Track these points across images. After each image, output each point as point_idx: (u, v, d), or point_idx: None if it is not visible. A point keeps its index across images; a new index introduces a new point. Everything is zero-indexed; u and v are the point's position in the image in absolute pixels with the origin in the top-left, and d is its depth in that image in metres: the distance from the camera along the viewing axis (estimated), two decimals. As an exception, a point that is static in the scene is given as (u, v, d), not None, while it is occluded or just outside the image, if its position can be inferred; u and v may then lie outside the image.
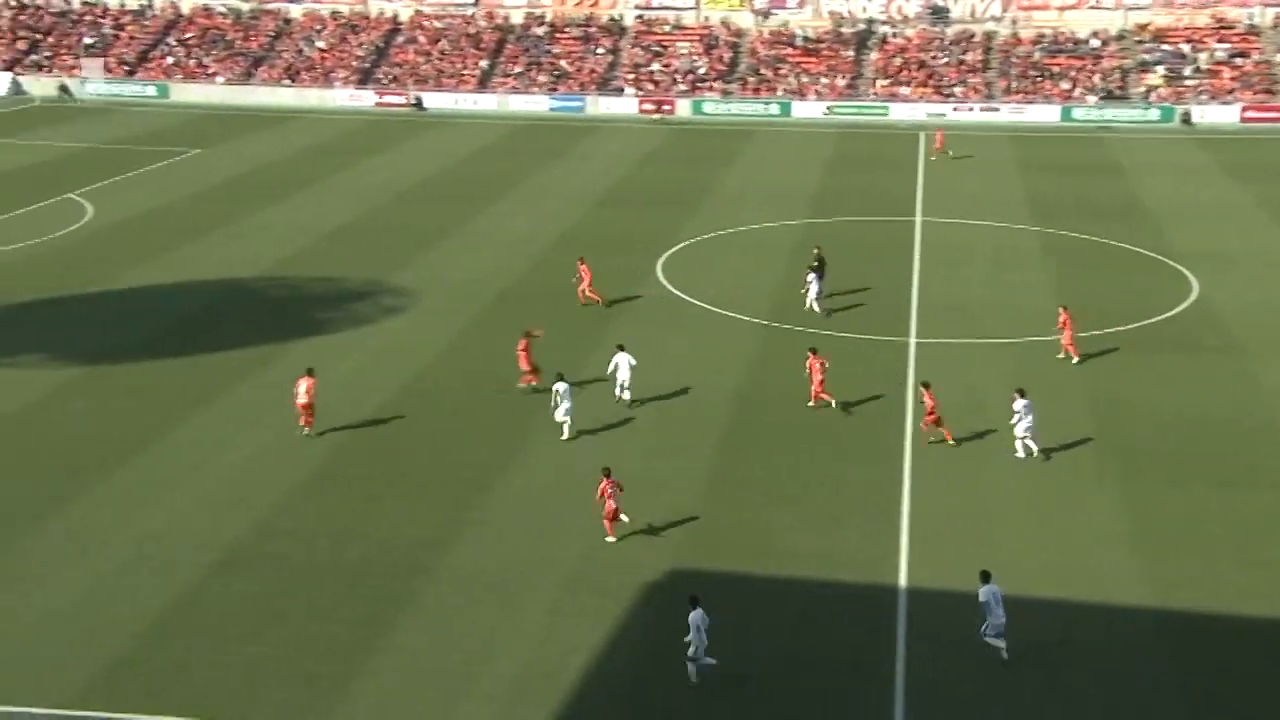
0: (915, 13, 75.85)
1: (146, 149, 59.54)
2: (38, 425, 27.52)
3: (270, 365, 31.51)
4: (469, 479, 25.37)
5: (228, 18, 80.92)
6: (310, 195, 50.78)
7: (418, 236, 44.15)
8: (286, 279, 39.08)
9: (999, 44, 74.07)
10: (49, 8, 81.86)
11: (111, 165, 55.09)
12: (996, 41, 74.37)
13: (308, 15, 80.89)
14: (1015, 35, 74.07)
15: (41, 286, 37.46)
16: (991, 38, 74.70)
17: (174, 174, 54.38)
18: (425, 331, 34.35)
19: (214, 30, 79.83)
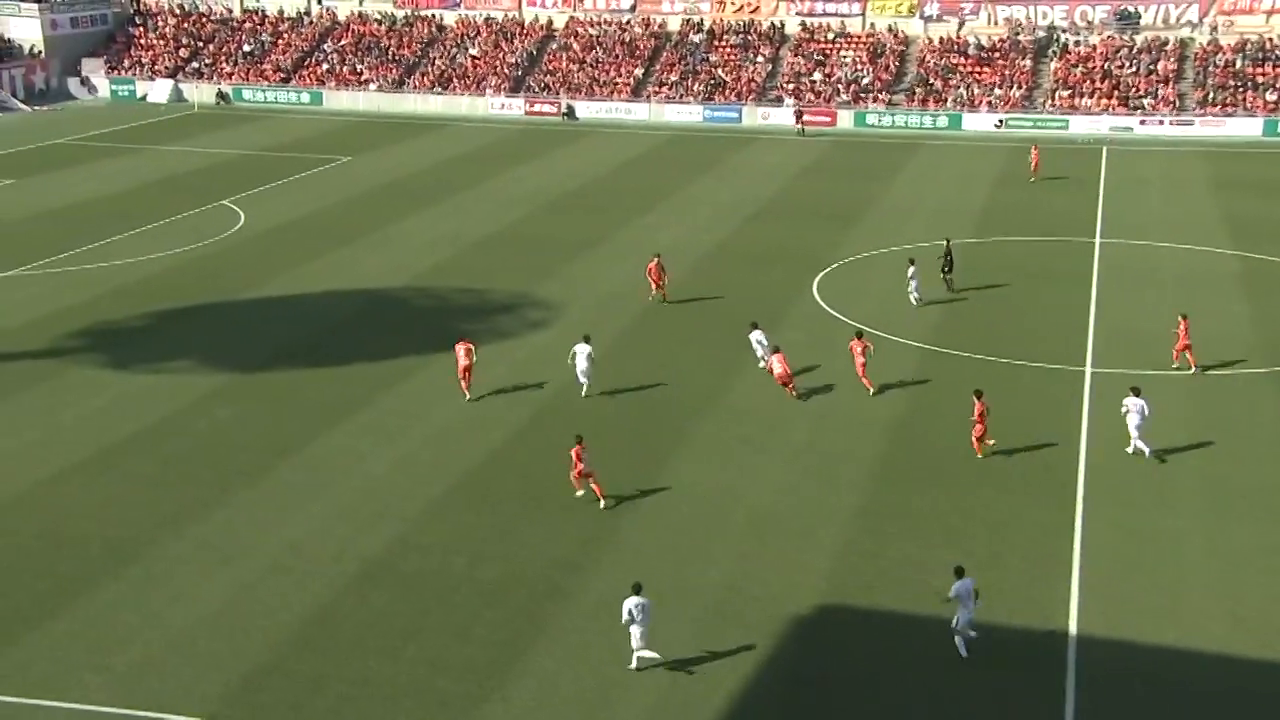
0: (1102, 18, 73.57)
1: (298, 156, 62.06)
2: (184, 433, 28.82)
3: (412, 377, 32.35)
4: (611, 499, 25.50)
5: (382, 24, 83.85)
6: (458, 204, 52.06)
7: (565, 247, 44.78)
8: (431, 289, 40.11)
9: (1195, 52, 71.22)
10: (211, 15, 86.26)
11: (264, 172, 57.57)
12: (1193, 49, 71.53)
13: (461, 22, 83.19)
14: (1214, 42, 71.09)
15: (193, 293, 39.30)
16: (1186, 45, 71.89)
17: (324, 181, 56.51)
18: (569, 345, 34.69)
19: (368, 37, 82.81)
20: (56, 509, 24.93)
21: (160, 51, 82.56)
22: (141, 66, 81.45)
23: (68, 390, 31.11)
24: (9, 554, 23.19)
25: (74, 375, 32.15)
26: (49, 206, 50.36)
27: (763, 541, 23.87)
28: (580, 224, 48.32)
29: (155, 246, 44.38)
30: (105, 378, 32.09)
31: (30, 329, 35.56)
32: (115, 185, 54.74)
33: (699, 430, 28.94)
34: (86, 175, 56.72)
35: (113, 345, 34.71)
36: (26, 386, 31.18)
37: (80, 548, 23.47)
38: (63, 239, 44.70)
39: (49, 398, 30.54)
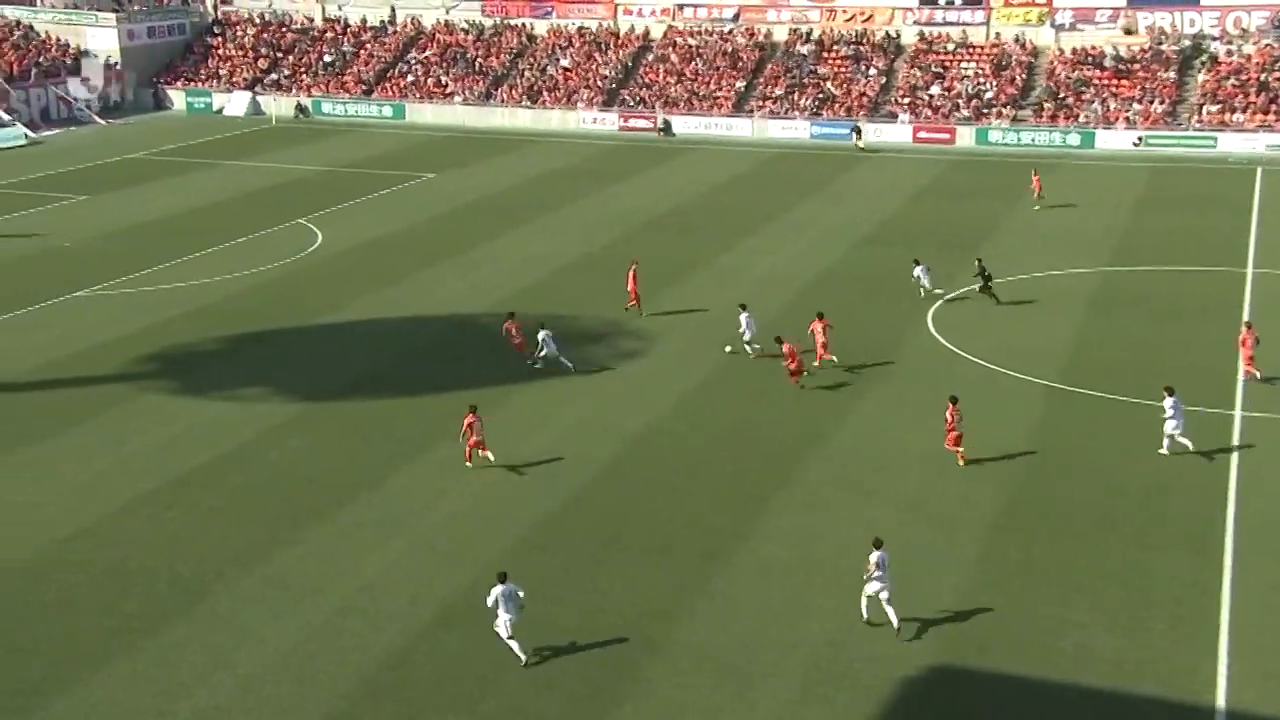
0: (1259, 26, 71.89)
1: (379, 172, 63.35)
2: (255, 464, 29.46)
3: (495, 408, 32.65)
4: (703, 545, 25.47)
5: (469, 34, 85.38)
6: (547, 224, 52.62)
7: (661, 271, 44.96)
8: (518, 316, 40.50)
9: (1364, 62, 69.30)
10: (291, 25, 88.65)
11: (344, 189, 58.85)
12: (1360, 59, 69.61)
13: (553, 31, 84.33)
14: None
15: (268, 316, 40.25)
16: (1351, 55, 69.99)
17: (406, 199, 57.58)
18: (663, 377, 34.85)
19: (454, 47, 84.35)
20: (124, 542, 25.63)
21: (239, 63, 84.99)
22: (219, 78, 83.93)
23: (138, 417, 32.03)
24: (77, 589, 23.88)
25: (144, 402, 33.10)
26: (122, 224, 52.05)
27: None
28: (677, 247, 48.49)
29: (230, 266, 45.58)
30: (176, 405, 32.98)
31: (101, 351, 36.73)
32: (190, 202, 56.39)
33: (802, 473, 28.77)
34: (160, 191, 58.53)
35: (185, 370, 35.68)
36: (96, 413, 32.18)
37: (147, 584, 24.09)
38: (136, 258, 46.14)
39: (119, 425, 31.47)
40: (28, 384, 34.22)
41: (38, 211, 54.16)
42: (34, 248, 46.01)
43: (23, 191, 58.01)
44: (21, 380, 34.42)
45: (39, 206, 54.96)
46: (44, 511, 26.84)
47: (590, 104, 77.60)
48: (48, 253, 47.15)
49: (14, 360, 35.85)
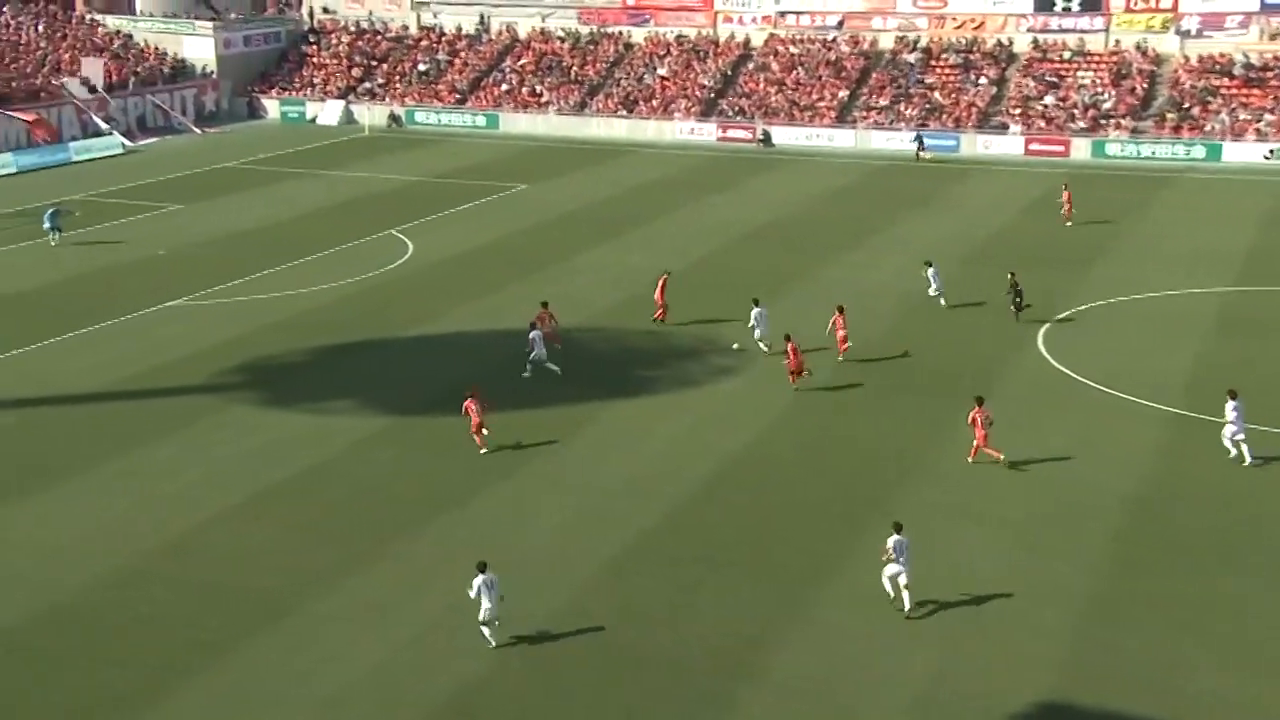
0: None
1: (472, 183, 64.05)
2: (341, 479, 29.83)
3: (587, 426, 32.77)
4: (800, 568, 25.23)
5: (565, 42, 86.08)
6: (642, 237, 52.75)
7: (759, 287, 44.72)
8: (610, 330, 40.65)
9: None
10: (386, 34, 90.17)
11: (435, 200, 59.59)
12: None
13: (650, 40, 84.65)
14: None
15: (357, 328, 40.83)
16: None
17: (499, 210, 58.13)
18: (760, 396, 34.65)
19: (550, 56, 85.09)
20: (209, 556, 26.09)
21: (333, 71, 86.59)
22: (313, 87, 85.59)
23: (225, 429, 32.65)
24: (161, 603, 24.34)
25: (232, 413, 33.74)
26: (215, 233, 53.23)
27: (977, 626, 23.17)
28: (777, 261, 48.31)
29: (320, 277, 46.34)
30: (263, 417, 33.56)
31: (191, 362, 37.53)
32: (282, 212, 57.50)
33: (904, 495, 28.40)
34: (253, 201, 59.78)
35: (273, 382, 36.30)
36: (185, 424, 32.86)
37: (230, 599, 24.47)
38: (227, 268, 47.11)
39: (206, 436, 32.10)
40: (118, 394, 35.05)
41: (133, 220, 55.63)
42: (128, 257, 47.24)
43: (118, 200, 59.63)
44: (113, 390, 35.28)
45: (134, 215, 56.43)
46: (133, 524, 27.43)
47: (688, 114, 77.72)
48: (141, 262, 48.37)
49: (106, 370, 36.78)
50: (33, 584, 24.88)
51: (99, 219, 55.08)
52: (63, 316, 41.35)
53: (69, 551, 26.19)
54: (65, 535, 26.87)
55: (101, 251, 49.84)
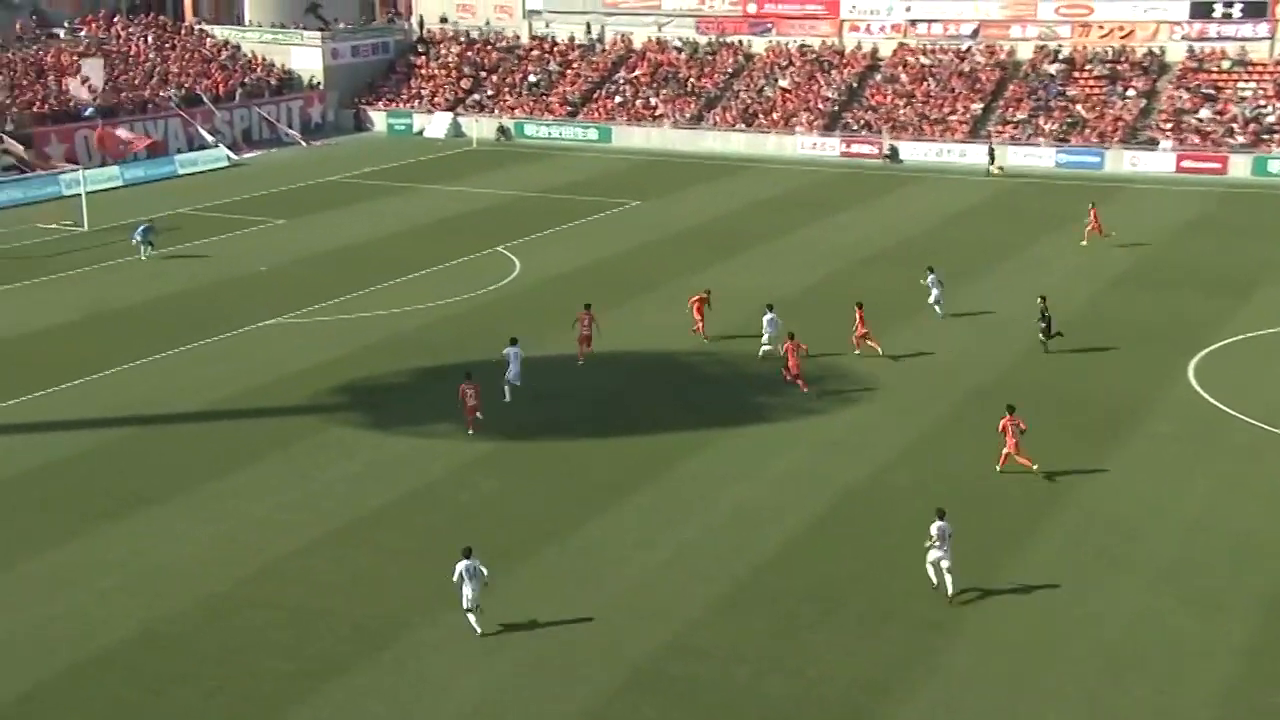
0: None
1: (582, 199, 64.52)
2: (443, 505, 30.11)
3: (698, 454, 32.69)
4: (927, 613, 24.85)
5: (682, 52, 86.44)
6: (760, 257, 52.61)
7: (885, 310, 44.32)
8: (725, 354, 40.55)
9: None
10: (496, 43, 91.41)
11: (544, 216, 60.10)
12: None
13: (772, 50, 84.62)
14: None
15: (461, 348, 41.24)
16: None
17: (609, 228, 58.44)
18: (884, 425, 34.34)
19: (666, 67, 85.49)
20: (308, 582, 26.49)
21: (441, 82, 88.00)
22: (420, 99, 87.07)
23: (323, 451, 33.19)
24: (257, 630, 24.76)
25: (331, 435, 34.29)
26: (317, 249, 54.30)
27: (1118, 681, 22.56)
28: (904, 283, 47.81)
29: (424, 295, 46.98)
30: (363, 439, 34.06)
31: (290, 382, 38.26)
32: (386, 227, 58.47)
33: (1045, 535, 27.85)
34: (357, 216, 60.89)
35: (373, 403, 36.85)
36: (282, 445, 33.48)
37: (330, 627, 24.80)
38: (329, 285, 47.98)
39: (304, 459, 32.67)
40: (217, 414, 35.85)
41: (235, 236, 57.01)
42: (229, 273, 48.39)
43: (221, 215, 61.17)
44: (211, 410, 36.10)
45: (236, 230, 57.83)
46: (229, 548, 27.98)
47: (810, 128, 77.47)
48: (242, 279, 49.49)
49: (205, 389, 37.65)
50: (128, 607, 25.48)
51: (201, 234, 56.51)
52: (163, 334, 42.45)
53: (166, 574, 26.79)
54: (162, 558, 27.50)
55: (203, 267, 51.11)
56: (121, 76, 77.56)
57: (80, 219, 57.40)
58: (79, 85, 71.25)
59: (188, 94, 78.60)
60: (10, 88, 71.12)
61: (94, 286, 48.44)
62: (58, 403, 36.48)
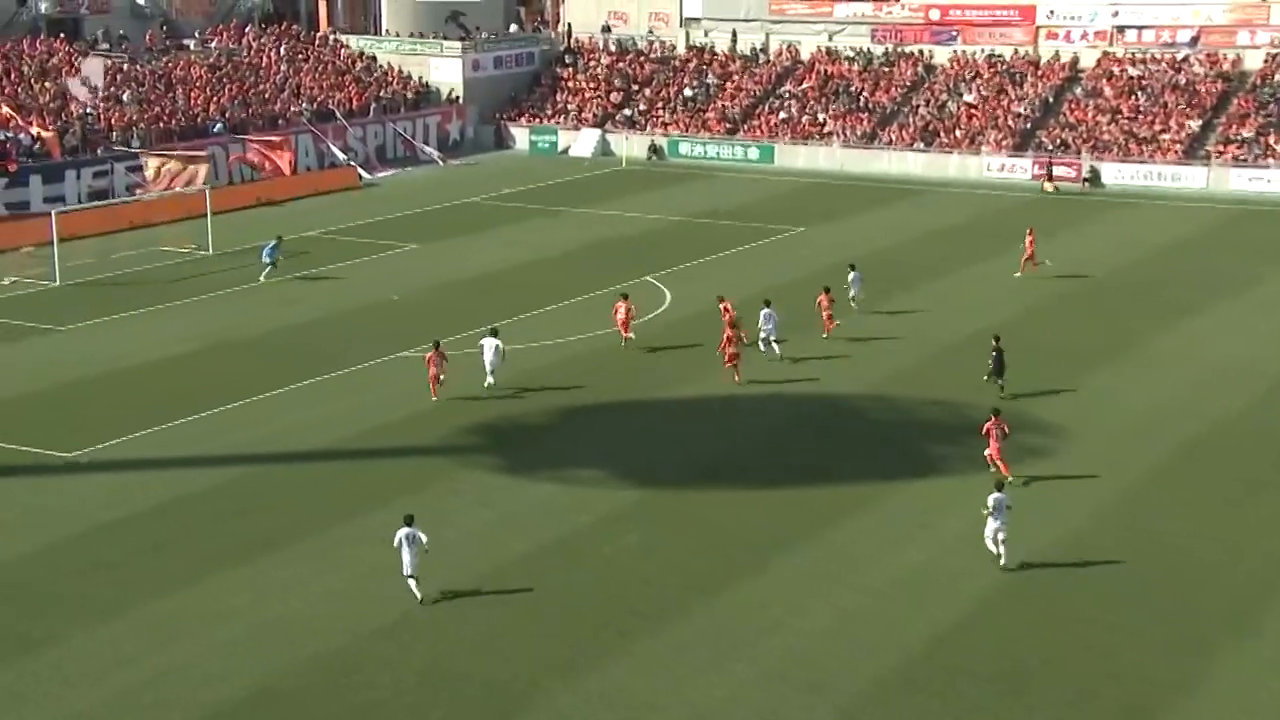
0: None
1: (740, 224, 64.70)
2: (583, 559, 30.37)
3: (864, 509, 32.48)
4: (1127, 697, 24.38)
5: (855, 63, 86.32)
6: (935, 292, 52.17)
7: (1075, 352, 43.69)
8: (896, 398, 40.27)
9: None
10: (650, 54, 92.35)
11: (698, 243, 60.38)
12: None
13: (956, 60, 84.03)
14: None
15: (605, 387, 41.66)
16: None
17: (769, 256, 58.49)
18: (1077, 481, 33.82)
19: (837, 79, 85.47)
20: (435, 640, 26.91)
21: (589, 97, 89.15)
22: (566, 114, 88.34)
23: (455, 497, 33.78)
24: (380, 690, 25.18)
25: (464, 479, 34.89)
26: (453, 277, 55.35)
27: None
28: (1102, 323, 46.98)
29: (566, 327, 47.56)
30: (498, 484, 34.59)
31: (422, 420, 39.03)
32: (526, 253, 59.37)
33: (1267, 617, 27.00)
34: (496, 241, 61.96)
35: (509, 445, 37.40)
36: (413, 489, 34.12)
37: (457, 689, 25.18)
38: (464, 315, 48.81)
39: (434, 505, 33.20)
40: (343, 453, 36.74)
41: (366, 261, 58.39)
42: (358, 301, 49.58)
43: (351, 238, 62.69)
44: (337, 449, 36.99)
45: (367, 255, 59.24)
46: (353, 600, 28.60)
47: (998, 147, 76.67)
48: (372, 308, 50.65)
49: (331, 427, 38.61)
50: (246, 662, 26.18)
51: (330, 259, 58.02)
52: (288, 366, 43.68)
53: (286, 626, 27.48)
54: (283, 608, 28.22)
55: (330, 295, 52.45)
56: (251, 90, 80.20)
57: (205, 241, 59.40)
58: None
59: (320, 109, 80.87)
60: (139, 102, 73.91)
61: (218, 314, 50.07)
62: (177, 438, 37.75)
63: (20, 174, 63.87)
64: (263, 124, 77.15)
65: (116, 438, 37.49)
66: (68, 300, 51.89)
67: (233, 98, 77.99)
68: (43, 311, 50.24)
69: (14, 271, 55.27)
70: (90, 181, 66.56)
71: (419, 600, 27.72)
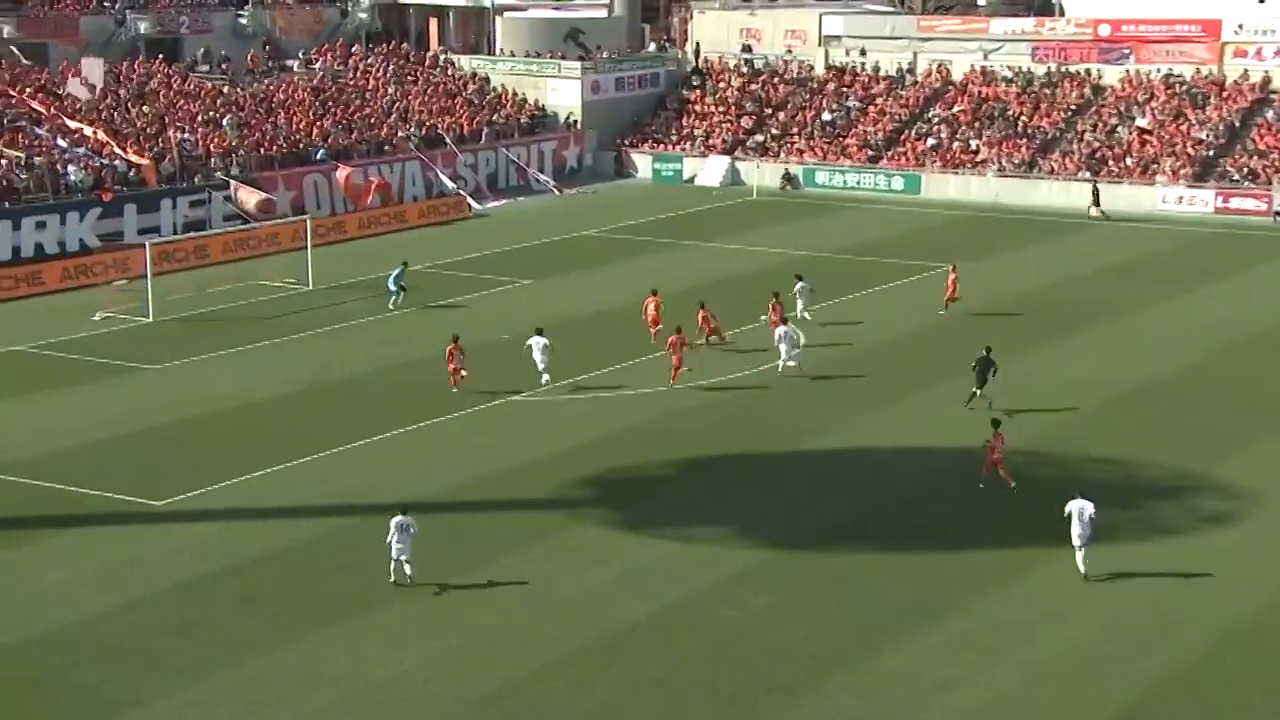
0: None
1: (881, 261, 64.40)
2: (704, 624, 30.23)
3: (1020, 577, 32.06)
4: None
5: (1013, 85, 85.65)
6: (1102, 337, 51.58)
7: (1261, 408, 42.78)
8: (1055, 454, 39.73)
9: None
10: (786, 74, 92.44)
11: (835, 280, 59.93)
12: None
13: (1128, 81, 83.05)
14: None
15: (731, 438, 41.56)
16: None
17: (911, 297, 58.00)
18: (1267, 551, 33.28)
19: (992, 102, 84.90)
20: (542, 712, 26.92)
21: (718, 121, 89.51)
22: (693, 140, 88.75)
23: (569, 553, 33.90)
24: (483, 760, 25.39)
25: (578, 535, 35.02)
26: (567, 314, 55.59)
27: None
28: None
29: (691, 372, 47.60)
30: (615, 541, 34.67)
31: (532, 469, 39.26)
32: (646, 290, 59.54)
33: None
34: (612, 276, 62.25)
35: (628, 498, 37.51)
36: (521, 545, 34.31)
37: (566, 763, 25.24)
38: (580, 356, 49.03)
39: (545, 562, 33.37)
40: (448, 505, 37.00)
41: (474, 297, 59.02)
42: (465, 340, 49.95)
43: (457, 273, 63.40)
44: (442, 500, 37.27)
45: (475, 291, 59.89)
46: (454, 664, 28.76)
47: (1176, 177, 75.57)
48: (480, 347, 50.92)
49: (434, 475, 38.95)
50: (338, 728, 26.48)
51: (435, 295, 58.64)
52: (390, 409, 44.19)
53: (383, 693, 27.64)
54: (381, 673, 28.41)
55: (436, 334, 52.87)
56: (356, 114, 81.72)
57: (305, 276, 60.48)
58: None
59: (428, 134, 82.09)
60: (238, 126, 75.63)
61: (317, 353, 50.92)
62: (272, 485, 38.38)
63: (114, 203, 65.60)
64: (367, 150, 78.46)
65: (209, 485, 38.22)
66: (161, 337, 53.11)
67: (336, 122, 79.50)
68: (134, 349, 51.46)
69: (106, 306, 56.68)
70: (186, 211, 68.17)
71: (411, 582, 31.57)
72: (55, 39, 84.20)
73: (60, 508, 36.83)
